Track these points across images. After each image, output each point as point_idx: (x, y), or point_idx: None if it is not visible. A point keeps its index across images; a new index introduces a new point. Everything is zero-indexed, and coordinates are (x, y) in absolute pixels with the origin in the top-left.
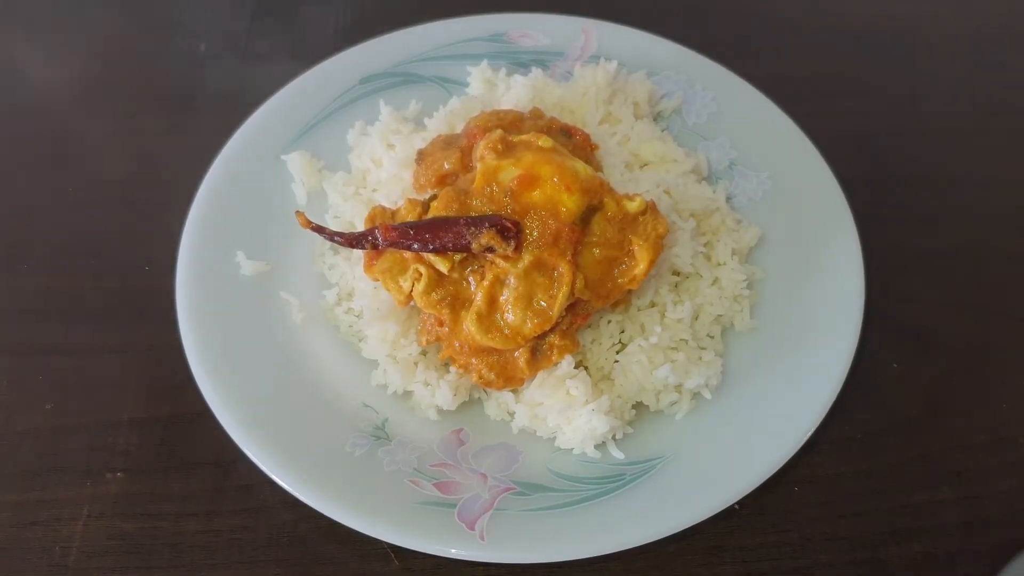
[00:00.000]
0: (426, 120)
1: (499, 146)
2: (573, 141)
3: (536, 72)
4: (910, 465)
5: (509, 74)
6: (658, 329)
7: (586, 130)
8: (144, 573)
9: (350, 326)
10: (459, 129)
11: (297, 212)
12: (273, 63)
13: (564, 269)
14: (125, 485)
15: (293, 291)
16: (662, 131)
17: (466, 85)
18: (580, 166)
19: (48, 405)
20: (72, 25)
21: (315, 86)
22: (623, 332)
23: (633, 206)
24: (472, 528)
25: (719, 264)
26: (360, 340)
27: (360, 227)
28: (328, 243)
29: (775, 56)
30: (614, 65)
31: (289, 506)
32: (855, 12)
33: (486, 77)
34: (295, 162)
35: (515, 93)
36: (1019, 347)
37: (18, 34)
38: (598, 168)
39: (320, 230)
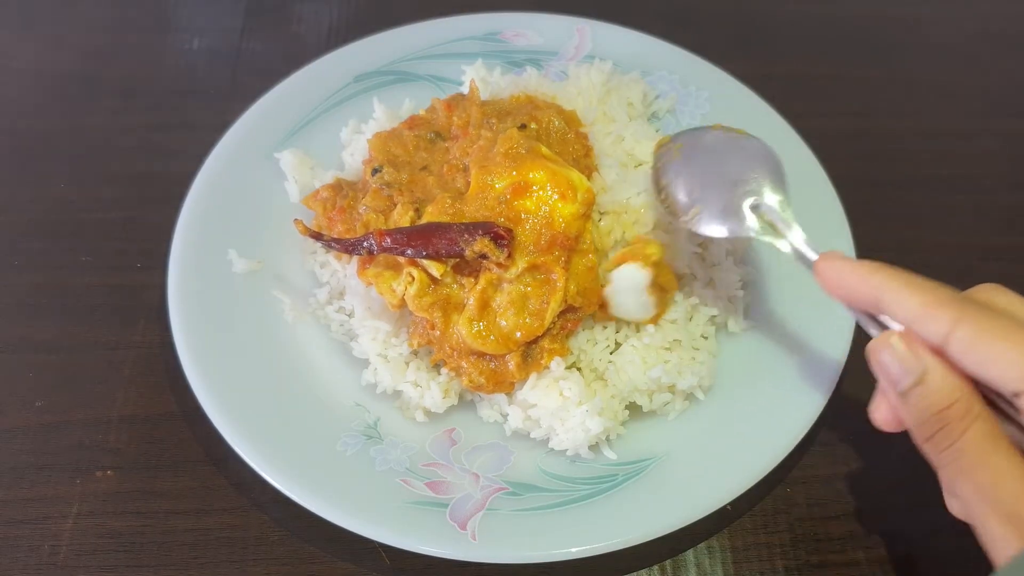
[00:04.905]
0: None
1: (514, 150)
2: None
3: (531, 71)
4: (902, 466)
5: (504, 73)
6: (651, 329)
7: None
8: (133, 571)
9: (341, 324)
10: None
11: (295, 220)
12: (266, 60)
13: (557, 276)
14: (115, 483)
15: (285, 289)
16: (656, 131)
17: (460, 84)
18: (574, 175)
19: (38, 402)
20: (63, 19)
21: (308, 84)
22: (618, 332)
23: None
24: (463, 528)
25: (714, 265)
26: (351, 339)
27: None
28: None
29: (768, 56)
30: (608, 65)
31: (279, 505)
32: (849, 12)
33: (480, 76)
34: (288, 160)
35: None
36: None
37: (8, 28)
38: (593, 168)
39: (318, 237)
